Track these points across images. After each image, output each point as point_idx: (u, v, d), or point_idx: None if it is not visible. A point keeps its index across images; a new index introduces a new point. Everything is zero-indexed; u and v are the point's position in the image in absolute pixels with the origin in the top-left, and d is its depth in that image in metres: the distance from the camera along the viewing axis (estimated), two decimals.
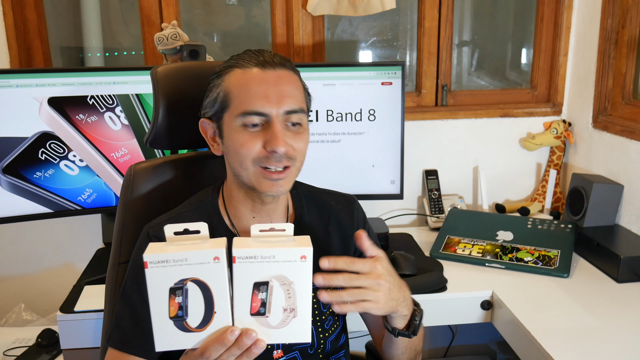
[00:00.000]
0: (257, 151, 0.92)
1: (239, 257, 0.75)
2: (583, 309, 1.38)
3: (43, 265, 1.98)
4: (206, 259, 0.75)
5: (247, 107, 0.92)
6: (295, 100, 0.94)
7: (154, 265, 0.74)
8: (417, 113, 2.01)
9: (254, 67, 0.94)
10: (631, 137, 1.71)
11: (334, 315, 1.08)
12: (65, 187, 1.61)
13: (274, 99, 0.92)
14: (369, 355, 1.38)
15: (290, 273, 0.76)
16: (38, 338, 1.65)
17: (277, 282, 0.77)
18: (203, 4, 2.03)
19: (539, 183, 2.10)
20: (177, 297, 0.75)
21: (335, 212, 1.10)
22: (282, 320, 0.78)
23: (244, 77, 0.94)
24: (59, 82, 1.56)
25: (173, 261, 0.75)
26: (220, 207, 1.03)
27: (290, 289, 0.77)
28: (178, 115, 1.15)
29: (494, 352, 2.09)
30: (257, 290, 0.76)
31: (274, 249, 0.76)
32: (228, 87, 0.95)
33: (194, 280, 0.75)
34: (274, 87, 0.92)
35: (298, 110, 0.94)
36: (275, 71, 0.94)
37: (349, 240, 1.09)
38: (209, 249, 0.75)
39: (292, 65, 0.98)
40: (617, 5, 1.78)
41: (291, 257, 0.76)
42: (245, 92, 0.93)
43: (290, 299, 0.77)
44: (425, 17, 1.99)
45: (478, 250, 1.68)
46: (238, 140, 0.93)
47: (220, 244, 0.76)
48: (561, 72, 2.03)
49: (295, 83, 0.96)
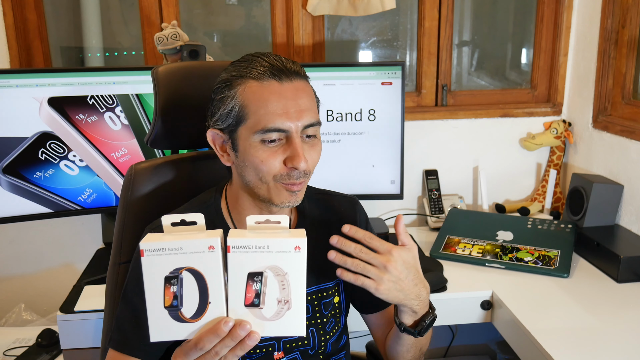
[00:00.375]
0: (278, 168, 0.92)
1: (234, 246, 0.76)
2: (583, 309, 1.38)
3: (43, 265, 1.98)
4: (201, 248, 0.75)
5: (268, 124, 0.90)
6: (312, 113, 0.94)
7: (150, 254, 0.75)
8: (417, 113, 2.01)
9: (270, 79, 0.91)
10: (631, 137, 1.71)
11: (335, 317, 1.08)
12: (65, 187, 1.61)
13: (293, 114, 0.91)
14: (369, 355, 1.38)
15: (285, 264, 0.77)
16: (38, 338, 1.65)
17: (272, 273, 0.77)
18: (203, 4, 2.03)
19: (539, 183, 2.10)
20: (172, 286, 0.76)
21: (338, 213, 1.10)
22: (276, 312, 0.78)
23: (261, 90, 0.91)
24: (59, 82, 1.56)
25: (168, 250, 0.75)
26: (223, 209, 1.03)
27: (284, 280, 0.77)
28: (179, 116, 1.15)
29: (494, 352, 2.09)
30: (251, 280, 0.77)
31: (268, 239, 0.76)
32: (244, 100, 0.91)
33: (189, 269, 0.76)
34: (293, 102, 0.91)
35: (315, 124, 0.94)
36: (291, 83, 0.92)
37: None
38: (204, 238, 0.76)
39: (304, 71, 0.97)
40: (617, 5, 1.79)
41: (285, 247, 0.77)
42: (264, 107, 0.90)
43: (284, 290, 0.77)
44: (425, 17, 1.99)
45: (478, 250, 1.68)
46: (258, 157, 0.92)
47: (216, 234, 0.77)
48: (561, 72, 2.03)
49: (310, 94, 0.96)
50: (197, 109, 1.11)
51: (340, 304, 1.08)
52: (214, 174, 1.16)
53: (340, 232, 1.08)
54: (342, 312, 1.09)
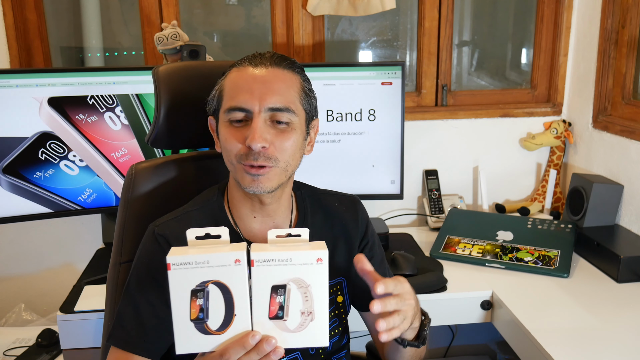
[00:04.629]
0: (239, 147, 0.93)
1: (257, 260, 0.77)
2: (583, 309, 1.38)
3: (43, 265, 1.98)
4: (228, 261, 0.76)
5: (232, 103, 0.93)
6: (282, 98, 0.93)
7: (177, 267, 0.76)
8: (417, 113, 2.01)
9: (248, 66, 0.95)
10: (631, 137, 1.71)
11: (339, 316, 1.08)
12: (65, 187, 1.61)
13: (257, 94, 0.92)
14: (369, 355, 1.38)
15: (307, 276, 0.78)
16: (38, 338, 1.65)
17: (295, 285, 0.78)
18: (203, 4, 2.03)
19: (539, 183, 2.10)
20: (198, 299, 0.77)
21: (340, 213, 1.10)
22: (299, 324, 0.79)
23: (237, 75, 0.96)
24: (59, 82, 1.56)
25: (195, 263, 0.76)
26: (225, 206, 1.03)
27: (307, 292, 0.78)
28: (179, 115, 1.15)
29: (494, 352, 2.09)
30: (275, 293, 0.78)
31: (290, 252, 0.77)
32: (223, 85, 0.97)
33: (216, 282, 0.77)
34: (260, 84, 0.93)
35: (284, 109, 0.93)
36: (266, 69, 0.94)
37: (354, 241, 1.09)
38: (230, 252, 0.76)
39: (294, 66, 0.97)
40: (617, 5, 1.79)
41: (307, 260, 0.77)
42: (233, 88, 0.94)
43: (307, 302, 0.78)
44: (425, 17, 1.99)
45: (478, 250, 1.68)
46: (224, 136, 0.95)
47: (241, 247, 0.78)
48: (561, 72, 2.03)
49: (288, 82, 0.95)
50: (197, 109, 1.11)
51: (344, 303, 1.09)
52: (215, 173, 1.16)
53: (343, 232, 1.08)
54: (345, 311, 1.09)
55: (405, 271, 1.53)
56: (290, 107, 0.94)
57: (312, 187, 1.12)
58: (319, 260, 0.77)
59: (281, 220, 1.03)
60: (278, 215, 1.03)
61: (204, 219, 1.01)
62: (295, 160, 0.98)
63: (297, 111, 0.95)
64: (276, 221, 1.03)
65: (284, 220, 1.04)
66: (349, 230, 1.09)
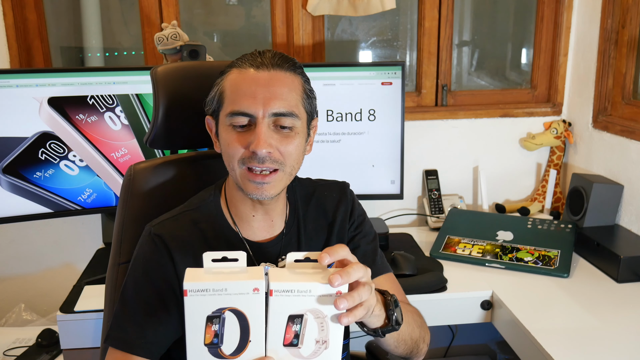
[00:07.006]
0: (243, 152, 0.93)
1: (276, 290, 0.76)
2: (583, 309, 1.38)
3: (43, 265, 1.98)
4: (246, 290, 0.75)
5: (235, 107, 0.92)
6: (285, 103, 0.93)
7: (194, 294, 0.75)
8: (417, 113, 2.01)
9: (249, 68, 0.94)
10: (631, 137, 1.71)
11: None
12: (65, 187, 1.61)
13: (261, 99, 0.91)
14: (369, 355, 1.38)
15: (326, 307, 0.77)
16: (38, 338, 1.65)
17: (312, 315, 0.77)
18: (203, 4, 2.03)
19: (539, 183, 2.10)
20: (213, 325, 0.76)
21: (329, 201, 1.10)
22: (313, 352, 0.79)
23: (238, 77, 0.94)
24: (59, 82, 1.56)
25: (212, 290, 0.75)
26: (223, 206, 1.03)
27: (323, 322, 0.78)
28: (178, 116, 1.15)
29: (494, 352, 2.09)
30: (291, 322, 0.77)
31: (310, 283, 0.76)
32: (223, 86, 0.96)
33: (232, 309, 0.76)
34: (264, 88, 0.92)
35: (287, 114, 0.93)
36: (268, 72, 0.93)
37: (344, 228, 1.09)
38: (249, 280, 0.75)
39: (295, 67, 0.97)
40: (617, 5, 1.79)
41: (327, 291, 0.76)
42: (235, 92, 0.93)
43: (323, 331, 0.78)
44: (425, 17, 1.99)
45: (478, 250, 1.68)
46: (226, 140, 0.94)
47: (259, 274, 0.77)
48: (561, 72, 2.03)
49: (290, 85, 0.95)
50: (196, 109, 1.11)
51: None
52: (214, 174, 1.16)
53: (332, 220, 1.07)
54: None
55: (405, 271, 1.53)
56: (294, 112, 0.94)
57: (301, 178, 1.12)
58: (339, 293, 0.76)
59: (278, 217, 1.04)
60: (276, 213, 1.03)
61: (201, 219, 1.01)
62: (299, 163, 0.99)
63: (300, 114, 0.95)
64: (274, 218, 1.03)
65: (280, 218, 1.04)
66: (341, 217, 1.09)
